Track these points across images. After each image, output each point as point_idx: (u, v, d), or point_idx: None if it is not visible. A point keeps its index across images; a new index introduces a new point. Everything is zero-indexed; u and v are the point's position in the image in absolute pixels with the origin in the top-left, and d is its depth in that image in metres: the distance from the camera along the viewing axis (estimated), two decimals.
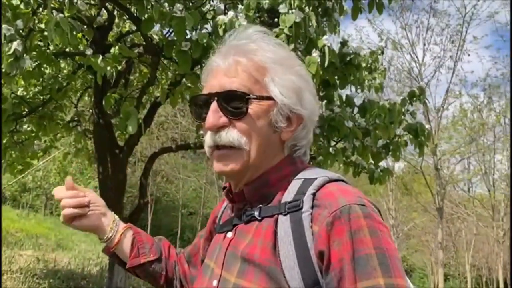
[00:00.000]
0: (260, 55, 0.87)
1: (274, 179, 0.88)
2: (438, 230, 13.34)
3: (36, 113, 4.22)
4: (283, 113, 0.87)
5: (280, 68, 0.88)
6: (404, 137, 4.14)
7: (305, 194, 0.80)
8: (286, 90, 0.87)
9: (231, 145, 0.85)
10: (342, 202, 0.76)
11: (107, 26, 4.16)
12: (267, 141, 0.87)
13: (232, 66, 0.86)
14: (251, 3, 2.94)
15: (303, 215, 0.78)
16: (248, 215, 0.86)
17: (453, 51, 13.07)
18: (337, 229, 0.74)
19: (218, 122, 0.85)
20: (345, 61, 3.51)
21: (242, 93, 0.85)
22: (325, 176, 0.83)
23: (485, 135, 14.94)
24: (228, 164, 0.86)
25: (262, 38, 0.91)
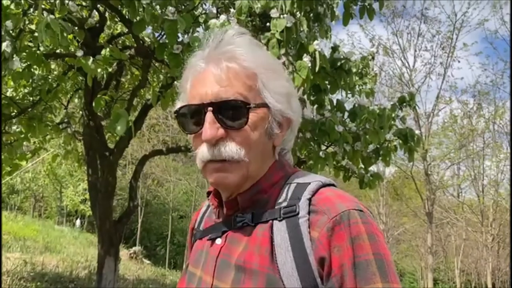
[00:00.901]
0: (248, 61, 0.83)
1: (266, 186, 0.85)
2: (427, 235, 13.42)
3: (25, 114, 4.19)
4: (277, 119, 0.85)
5: (269, 73, 0.85)
6: (394, 142, 4.17)
7: (300, 199, 0.79)
8: (278, 96, 0.84)
9: (230, 158, 0.81)
10: (341, 208, 0.76)
11: (99, 28, 4.14)
12: (264, 149, 0.85)
13: (223, 73, 0.81)
14: (243, 7, 2.95)
15: (300, 221, 0.77)
16: (240, 221, 0.83)
17: (444, 57, 13.22)
18: (338, 234, 0.74)
19: (217, 134, 0.80)
20: (336, 66, 3.53)
21: (242, 102, 0.81)
22: (319, 181, 0.82)
23: (474, 141, 15.09)
24: (227, 176, 0.82)
25: (244, 41, 0.86)
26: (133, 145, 16.16)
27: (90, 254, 9.90)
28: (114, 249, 4.81)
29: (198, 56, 0.87)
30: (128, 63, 4.34)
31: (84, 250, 10.80)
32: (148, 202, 20.58)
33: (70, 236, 13.17)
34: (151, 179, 19.59)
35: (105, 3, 3.40)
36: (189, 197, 21.61)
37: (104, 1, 3.32)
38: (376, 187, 4.56)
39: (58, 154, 5.73)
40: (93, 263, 8.56)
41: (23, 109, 4.12)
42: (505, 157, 15.22)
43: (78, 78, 4.81)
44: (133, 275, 9.80)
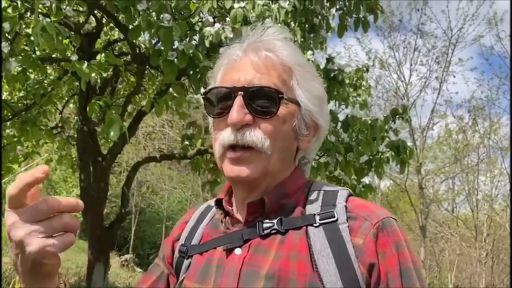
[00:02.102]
0: (286, 55, 0.82)
1: (291, 190, 0.82)
2: (421, 249, 13.40)
3: (19, 117, 4.19)
4: (306, 120, 0.82)
5: (305, 73, 0.83)
6: (387, 154, 4.18)
7: (336, 206, 0.77)
8: (311, 96, 0.82)
9: (254, 146, 0.77)
10: (381, 214, 0.76)
11: (95, 33, 4.17)
12: (288, 148, 0.82)
13: (261, 61, 0.80)
14: (238, 16, 2.99)
15: (341, 227, 0.75)
16: (268, 228, 0.78)
17: (439, 72, 13.34)
18: (382, 241, 0.74)
19: (244, 119, 0.77)
20: (329, 77, 3.56)
21: (276, 91, 0.78)
22: (346, 189, 0.82)
23: (469, 156, 15.15)
24: (245, 168, 0.78)
25: (284, 38, 0.85)
26: (129, 152, 16.13)
27: (81, 260, 9.81)
28: (104, 256, 4.78)
29: (236, 46, 0.86)
30: (124, 69, 4.36)
31: (75, 256, 10.71)
32: (142, 210, 20.47)
33: None
34: (146, 187, 19.52)
35: (101, 9, 3.42)
36: (183, 206, 21.52)
37: (101, 7, 3.34)
38: (367, 198, 4.56)
39: (51, 159, 5.71)
40: (83, 269, 8.49)
41: (16, 113, 4.12)
42: (500, 173, 15.28)
43: (74, 83, 4.83)
44: (124, 282, 9.72)
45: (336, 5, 3.85)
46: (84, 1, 3.25)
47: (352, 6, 3.57)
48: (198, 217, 0.92)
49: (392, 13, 13.13)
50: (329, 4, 3.83)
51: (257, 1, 2.97)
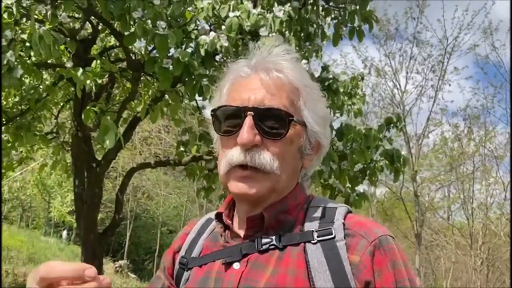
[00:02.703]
0: (294, 75, 0.83)
1: (291, 206, 0.83)
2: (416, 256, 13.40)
3: (13, 123, 4.18)
4: (311, 140, 0.84)
5: (311, 93, 0.85)
6: (381, 163, 4.20)
7: (334, 223, 0.78)
8: (317, 117, 0.84)
9: (263, 168, 0.78)
10: (379, 232, 0.77)
11: (91, 40, 4.18)
12: (295, 167, 0.84)
13: (272, 81, 0.81)
14: (233, 25, 3.00)
15: (338, 244, 0.76)
16: (266, 243, 0.79)
17: (434, 80, 13.41)
18: (378, 259, 0.74)
19: (254, 140, 0.78)
20: (324, 86, 3.58)
21: (286, 113, 0.80)
22: (345, 206, 0.83)
23: (464, 164, 15.21)
24: (253, 187, 0.79)
25: (291, 58, 0.86)
26: (125, 157, 16.10)
27: None
28: (98, 261, 4.75)
29: (243, 63, 0.86)
30: (119, 76, 4.36)
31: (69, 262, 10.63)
32: (137, 215, 20.39)
33: (55, 248, 12.99)
34: (141, 193, 19.46)
35: (97, 16, 3.43)
36: (179, 212, 21.45)
37: (96, 14, 3.35)
38: (361, 206, 4.57)
39: (46, 164, 5.69)
40: None
41: (11, 118, 4.12)
42: (495, 181, 15.33)
43: (69, 89, 4.82)
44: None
45: (331, 14, 3.88)
46: (79, 8, 3.26)
47: (347, 16, 3.59)
48: (198, 230, 0.93)
49: (389, 22, 13.23)
50: (324, 13, 3.86)
51: (252, 10, 2.99)
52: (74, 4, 2.98)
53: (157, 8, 3.03)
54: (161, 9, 3.07)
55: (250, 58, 0.87)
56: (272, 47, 0.87)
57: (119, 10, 2.86)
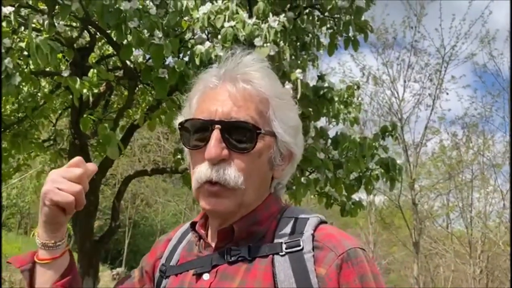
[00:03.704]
0: (263, 86, 0.82)
1: (263, 217, 0.82)
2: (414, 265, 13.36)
3: (10, 130, 4.20)
4: (282, 150, 0.83)
5: (281, 103, 0.83)
6: (376, 171, 4.22)
7: (303, 234, 0.78)
8: (287, 127, 0.83)
9: (227, 184, 0.78)
10: (347, 245, 0.76)
11: (89, 48, 4.21)
12: (263, 179, 0.83)
13: (239, 93, 0.80)
14: (228, 35, 3.04)
15: (306, 256, 0.75)
16: (235, 255, 0.79)
17: (432, 89, 13.45)
18: (346, 272, 0.74)
19: (221, 154, 0.77)
20: (319, 95, 3.61)
21: (253, 126, 0.78)
22: (317, 217, 0.82)
23: (463, 173, 15.21)
24: (221, 203, 0.79)
25: (262, 67, 0.84)
26: (124, 164, 16.10)
27: None
28: (93, 269, 4.75)
29: (212, 72, 0.85)
30: (115, 84, 4.39)
31: None
32: (136, 223, 20.35)
33: None
34: (140, 200, 19.44)
35: (93, 26, 3.47)
36: (178, 219, 21.41)
37: (93, 23, 3.39)
38: (357, 215, 4.58)
39: (43, 171, 5.70)
40: None
41: (8, 125, 4.14)
42: (493, 190, 15.31)
43: (67, 96, 4.85)
44: None
45: (327, 24, 3.92)
46: (76, 18, 3.30)
47: (342, 26, 3.63)
48: (179, 237, 0.94)
49: (386, 31, 13.30)
50: (319, 23, 3.89)
51: (247, 20, 3.02)
52: (71, 14, 3.01)
53: (153, 18, 3.06)
54: (157, 19, 3.11)
55: (220, 67, 0.86)
56: (243, 56, 0.85)
57: (115, 19, 2.89)
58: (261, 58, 0.87)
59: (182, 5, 3.21)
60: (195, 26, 3.29)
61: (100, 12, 2.86)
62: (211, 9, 3.15)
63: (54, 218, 0.82)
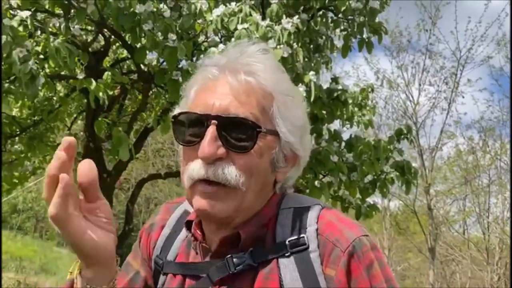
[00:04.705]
0: (268, 79, 0.74)
1: (267, 219, 0.76)
2: (429, 271, 13.16)
3: (26, 133, 4.27)
4: (285, 152, 0.76)
5: (287, 99, 0.75)
6: (391, 174, 4.16)
7: (307, 230, 0.72)
8: (292, 127, 0.75)
9: (227, 183, 0.71)
10: (351, 236, 0.72)
11: (103, 52, 4.25)
12: (265, 182, 0.75)
13: (241, 86, 0.72)
14: (241, 37, 3.03)
15: (312, 256, 0.71)
16: (240, 264, 0.72)
17: (448, 92, 13.29)
18: (353, 267, 0.71)
19: (216, 153, 0.70)
20: (332, 97, 3.58)
21: (253, 123, 0.71)
22: (317, 204, 0.77)
23: (479, 177, 14.96)
24: (216, 205, 0.71)
25: (266, 59, 0.77)
26: (138, 168, 16.22)
27: None
28: None
29: (213, 61, 0.78)
30: (130, 87, 4.43)
31: None
32: None
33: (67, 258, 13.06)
34: (154, 204, 19.54)
35: (108, 29, 3.51)
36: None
37: (108, 27, 3.42)
38: (372, 217, 4.53)
39: None
40: None
41: (24, 128, 4.20)
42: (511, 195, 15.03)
43: (82, 100, 4.91)
44: None
45: (341, 26, 3.89)
46: (92, 21, 3.33)
47: (356, 28, 3.61)
48: (174, 225, 0.86)
49: (401, 34, 13.19)
50: (333, 25, 3.88)
51: (260, 22, 3.02)
52: (86, 17, 3.04)
53: (167, 20, 3.08)
54: (171, 22, 3.13)
55: (223, 56, 0.78)
56: (248, 46, 0.78)
57: (130, 22, 2.92)
58: (267, 48, 0.79)
59: (196, 8, 3.22)
60: (209, 29, 3.30)
61: (115, 15, 2.89)
62: (225, 11, 3.16)
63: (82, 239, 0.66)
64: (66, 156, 0.66)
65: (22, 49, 2.89)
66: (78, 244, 0.66)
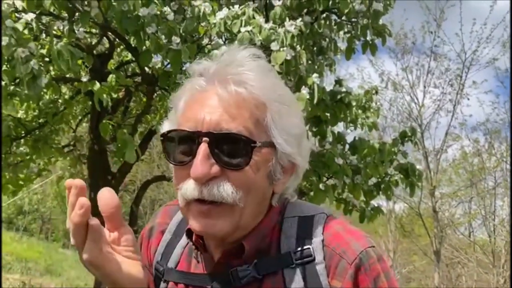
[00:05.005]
0: (259, 88, 0.70)
1: (269, 229, 0.74)
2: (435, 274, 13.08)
3: (31, 135, 4.29)
4: (282, 163, 0.72)
5: (282, 108, 0.71)
6: (395, 177, 4.15)
7: (312, 240, 0.71)
8: (288, 136, 0.71)
9: (224, 201, 0.67)
10: (358, 248, 0.70)
11: (108, 54, 4.28)
12: (263, 196, 0.72)
13: (231, 98, 0.68)
14: (244, 40, 3.04)
15: (318, 268, 0.69)
16: (243, 277, 0.71)
17: (453, 94, 13.23)
18: (360, 279, 0.70)
19: (210, 173, 0.67)
20: (336, 99, 3.58)
21: (247, 138, 0.67)
22: (322, 212, 0.74)
23: (485, 180, 14.87)
24: (215, 224, 0.69)
25: (258, 65, 0.72)
26: (143, 170, 16.25)
27: (91, 278, 9.83)
28: None
29: (201, 67, 0.74)
30: (134, 90, 4.45)
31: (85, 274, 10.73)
32: None
33: (72, 260, 13.12)
34: (159, 206, 19.59)
35: (113, 32, 3.52)
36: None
37: (112, 30, 3.44)
38: (376, 220, 4.51)
39: (63, 176, 5.80)
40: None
41: (29, 131, 4.23)
42: None
43: (87, 103, 4.94)
44: None
45: (344, 28, 3.89)
46: (96, 24, 3.35)
47: (359, 30, 3.60)
48: (174, 230, 0.83)
49: (405, 36, 13.15)
50: (337, 28, 3.87)
51: (263, 25, 3.03)
52: (90, 20, 3.06)
53: (170, 23, 3.10)
54: (175, 25, 3.14)
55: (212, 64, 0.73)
56: (238, 52, 0.74)
57: (133, 25, 2.93)
58: (257, 53, 0.74)
59: (199, 11, 3.23)
60: (212, 32, 3.31)
61: (118, 18, 2.90)
62: (228, 14, 3.16)
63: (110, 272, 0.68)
64: (86, 201, 0.66)
65: (25, 49, 2.91)
66: (116, 281, 0.66)
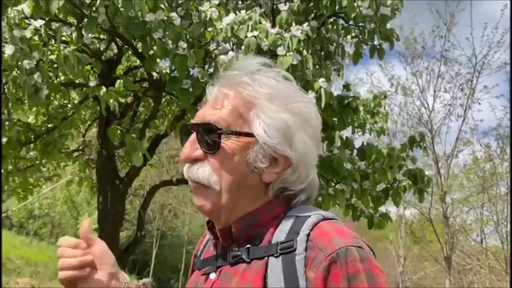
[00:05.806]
0: (250, 89, 0.81)
1: (264, 219, 0.80)
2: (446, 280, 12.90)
3: (40, 140, 4.33)
4: (265, 153, 0.80)
5: (271, 105, 0.81)
6: (404, 183, 4.10)
7: (299, 234, 0.75)
8: (271, 129, 0.79)
9: (199, 181, 0.81)
10: (338, 244, 0.72)
11: (116, 60, 4.31)
12: (242, 181, 0.81)
13: (218, 98, 0.83)
14: (251, 45, 3.04)
15: (297, 258, 0.73)
16: (235, 257, 0.80)
17: (463, 99, 13.10)
18: (334, 273, 0.70)
19: (192, 155, 0.82)
20: (343, 104, 3.55)
21: (215, 126, 0.80)
22: (319, 214, 0.78)
23: (497, 185, 14.66)
24: (200, 201, 0.83)
25: (262, 71, 0.84)
26: (152, 175, 16.32)
27: None
28: None
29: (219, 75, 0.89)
30: (141, 95, 4.47)
31: None
32: (163, 234, 20.51)
33: None
34: (168, 210, 19.62)
35: (120, 37, 3.55)
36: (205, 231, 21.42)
37: (119, 35, 3.46)
38: (384, 227, 4.46)
39: (72, 180, 5.84)
40: None
41: (38, 135, 4.27)
42: None
43: (96, 107, 4.97)
44: None
45: (351, 33, 3.87)
46: (103, 30, 3.38)
47: (366, 35, 3.58)
48: None
49: (415, 40, 13.08)
50: (344, 32, 3.86)
51: (270, 30, 3.02)
52: (97, 25, 3.08)
53: (177, 29, 3.11)
54: (182, 30, 3.15)
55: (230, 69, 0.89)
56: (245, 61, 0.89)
57: (140, 31, 2.94)
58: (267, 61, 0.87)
59: (206, 16, 3.24)
60: (219, 37, 3.31)
61: (125, 24, 2.92)
62: (235, 19, 3.16)
63: None
64: (65, 275, 0.84)
65: (30, 61, 2.95)
66: None
